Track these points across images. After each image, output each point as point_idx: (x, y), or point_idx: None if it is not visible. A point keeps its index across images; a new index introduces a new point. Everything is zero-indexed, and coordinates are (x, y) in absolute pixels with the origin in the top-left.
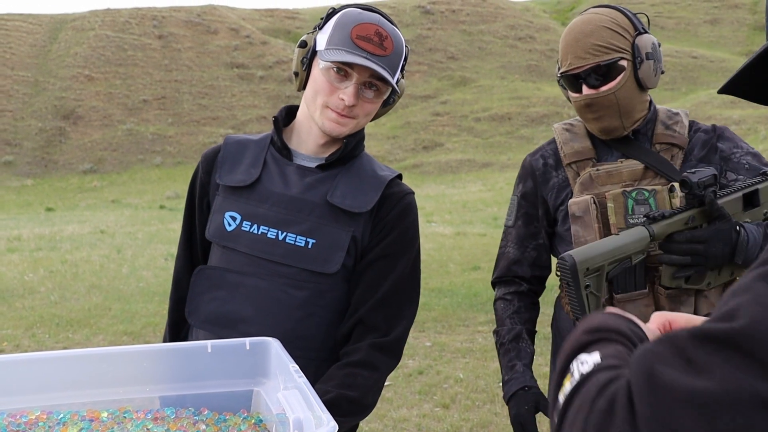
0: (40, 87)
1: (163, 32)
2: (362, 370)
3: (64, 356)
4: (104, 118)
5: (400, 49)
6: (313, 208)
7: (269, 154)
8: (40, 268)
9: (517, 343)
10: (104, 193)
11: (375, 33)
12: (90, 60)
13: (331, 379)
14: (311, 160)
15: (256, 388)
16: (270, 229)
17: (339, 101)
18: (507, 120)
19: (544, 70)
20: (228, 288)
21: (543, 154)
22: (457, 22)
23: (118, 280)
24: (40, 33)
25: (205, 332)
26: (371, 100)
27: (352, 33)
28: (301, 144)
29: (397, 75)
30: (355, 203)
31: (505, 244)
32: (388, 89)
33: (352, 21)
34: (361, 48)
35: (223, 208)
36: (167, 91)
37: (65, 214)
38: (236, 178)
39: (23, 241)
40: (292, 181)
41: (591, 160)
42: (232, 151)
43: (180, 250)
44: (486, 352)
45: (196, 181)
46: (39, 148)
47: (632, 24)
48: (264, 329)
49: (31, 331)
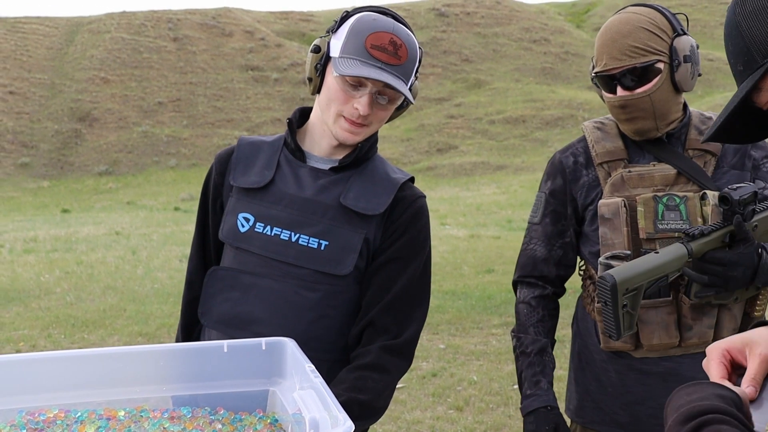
0: (57, 89)
1: (179, 35)
2: (373, 373)
3: (82, 355)
4: (119, 120)
5: (414, 55)
6: (326, 210)
7: (283, 155)
8: (55, 269)
9: (542, 356)
10: (119, 194)
11: (389, 42)
12: (106, 62)
13: (341, 383)
14: (324, 162)
15: (272, 387)
16: (283, 230)
17: (353, 110)
18: (521, 123)
19: (558, 73)
20: (241, 289)
21: (573, 152)
22: (472, 24)
23: (133, 282)
24: (57, 36)
25: (218, 333)
26: (385, 107)
27: (366, 42)
28: (314, 146)
29: (411, 80)
30: (368, 205)
31: (529, 241)
32: (401, 96)
33: (366, 29)
34: (376, 58)
35: (237, 210)
36: (182, 94)
37: (81, 215)
38: (250, 179)
39: (39, 242)
40: (306, 183)
41: (623, 161)
42: (245, 153)
43: (193, 251)
44: (500, 355)
45: (210, 182)
46: (55, 150)
47: (671, 25)
48: (276, 330)
49: (47, 331)
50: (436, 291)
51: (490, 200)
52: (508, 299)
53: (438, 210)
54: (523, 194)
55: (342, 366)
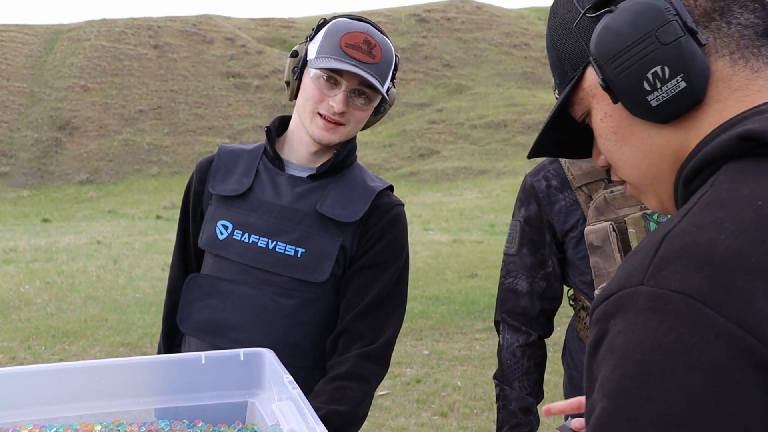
0: (36, 98)
1: (159, 42)
2: (351, 382)
3: (57, 369)
4: (100, 129)
5: (389, 57)
6: (303, 217)
7: (262, 163)
8: (36, 280)
9: (527, 416)
10: (100, 203)
11: (364, 41)
12: (86, 70)
13: (320, 395)
14: (303, 170)
15: (251, 399)
16: (261, 238)
17: (329, 108)
18: (503, 127)
19: (539, 77)
20: (219, 296)
21: (545, 175)
22: (452, 29)
23: (115, 291)
24: (36, 44)
25: (197, 340)
26: (361, 108)
27: (341, 41)
28: (293, 153)
29: (387, 83)
30: (345, 213)
31: (507, 274)
32: (377, 97)
33: (341, 30)
34: (350, 56)
35: (216, 217)
36: (163, 101)
37: (61, 224)
38: (229, 187)
39: (19, 252)
40: (283, 191)
41: (603, 181)
42: (225, 161)
43: (174, 258)
44: (484, 360)
45: (191, 190)
46: (35, 158)
47: None
48: (254, 337)
49: (27, 343)
50: (420, 296)
51: (472, 205)
52: (491, 304)
53: (421, 215)
54: (506, 198)
55: (319, 373)
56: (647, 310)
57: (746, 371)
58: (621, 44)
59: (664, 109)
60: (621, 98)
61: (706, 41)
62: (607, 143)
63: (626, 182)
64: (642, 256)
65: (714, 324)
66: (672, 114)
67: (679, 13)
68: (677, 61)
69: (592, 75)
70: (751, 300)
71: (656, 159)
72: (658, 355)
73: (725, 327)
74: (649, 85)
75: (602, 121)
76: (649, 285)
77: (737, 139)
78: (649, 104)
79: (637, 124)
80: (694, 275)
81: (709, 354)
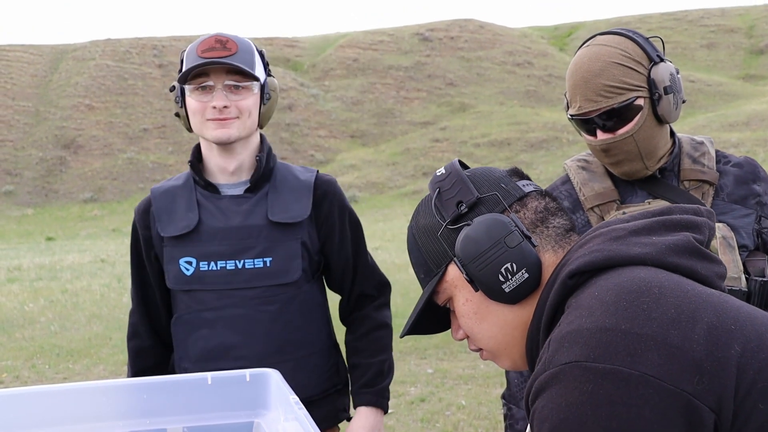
0: (41, 117)
1: (164, 61)
2: (380, 331)
3: (60, 390)
4: (105, 147)
5: (246, 46)
6: (260, 231)
7: (198, 194)
8: (40, 298)
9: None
10: (105, 221)
11: (215, 41)
12: (90, 89)
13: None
14: (236, 187)
15: (257, 419)
16: (227, 261)
17: (212, 110)
18: (506, 145)
19: (542, 96)
20: (208, 325)
21: (557, 196)
22: (456, 48)
23: (119, 310)
24: (41, 63)
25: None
26: (240, 94)
27: (197, 51)
28: (217, 175)
29: (256, 69)
30: (294, 213)
31: None
32: (252, 84)
33: (194, 45)
34: (206, 57)
35: (175, 257)
36: (167, 120)
37: (66, 243)
38: (179, 225)
39: (23, 270)
40: (230, 213)
41: (615, 202)
42: (163, 203)
43: (135, 305)
44: (488, 379)
45: (138, 237)
46: (39, 177)
47: (645, 53)
48: (253, 349)
49: (31, 361)
50: None
51: None
52: None
53: None
54: None
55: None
56: (554, 385)
57: (629, 392)
58: (480, 248)
59: (515, 294)
60: (481, 288)
61: (536, 243)
62: (468, 321)
63: (482, 350)
64: (543, 357)
65: (599, 371)
66: (520, 296)
67: (517, 225)
68: (520, 260)
69: (453, 270)
70: (614, 347)
71: (510, 330)
72: (572, 410)
73: (606, 369)
74: (503, 277)
75: (464, 305)
76: (550, 369)
77: (566, 279)
78: (504, 291)
79: (493, 305)
80: (574, 348)
81: (603, 392)
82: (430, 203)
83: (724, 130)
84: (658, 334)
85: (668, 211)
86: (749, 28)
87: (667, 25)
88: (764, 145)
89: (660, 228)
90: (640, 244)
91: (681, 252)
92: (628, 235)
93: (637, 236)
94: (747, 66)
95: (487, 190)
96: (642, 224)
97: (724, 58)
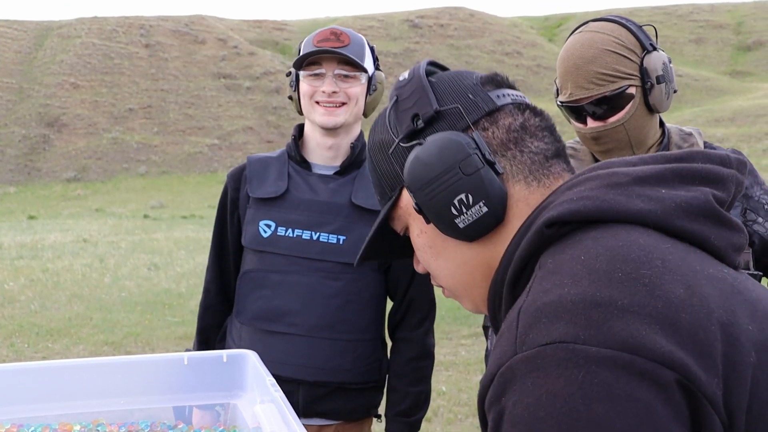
0: (25, 94)
1: (151, 41)
2: (423, 361)
3: (37, 368)
4: (89, 126)
5: (358, 40)
6: (341, 209)
7: (290, 167)
8: (20, 277)
9: None
10: (88, 201)
11: (330, 33)
12: (76, 68)
13: (403, 377)
14: (327, 169)
15: (233, 401)
16: (304, 231)
17: (322, 94)
18: None
19: (531, 86)
20: (271, 286)
21: None
22: (445, 36)
23: (100, 290)
24: (26, 39)
25: (250, 329)
26: (350, 84)
27: (313, 41)
28: (314, 155)
29: (366, 61)
30: (376, 202)
31: None
32: (362, 74)
33: (311, 36)
34: (323, 47)
35: (257, 218)
36: (153, 100)
37: (47, 222)
38: (267, 190)
39: (4, 249)
40: (318, 188)
41: None
42: (256, 168)
43: (210, 262)
44: (469, 365)
45: (227, 198)
46: (22, 155)
47: (638, 42)
48: (308, 319)
49: (10, 340)
50: None
51: None
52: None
53: None
54: None
55: (369, 344)
56: (530, 372)
57: (632, 383)
58: (430, 174)
59: (470, 230)
60: (432, 220)
61: (502, 170)
62: (424, 255)
63: (443, 287)
64: (506, 335)
65: (591, 355)
66: (477, 234)
67: (479, 146)
68: (478, 190)
69: (407, 196)
70: (610, 327)
71: (469, 269)
72: (558, 404)
73: (601, 354)
74: (456, 210)
75: (418, 237)
76: (522, 351)
77: (543, 227)
78: (457, 226)
79: (449, 240)
80: (557, 325)
81: (598, 382)
82: (386, 115)
83: (710, 125)
84: (665, 315)
85: (688, 157)
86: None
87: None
88: (749, 141)
89: (673, 178)
90: (644, 198)
91: (694, 214)
92: (631, 183)
93: (641, 186)
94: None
95: (450, 101)
96: (651, 171)
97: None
